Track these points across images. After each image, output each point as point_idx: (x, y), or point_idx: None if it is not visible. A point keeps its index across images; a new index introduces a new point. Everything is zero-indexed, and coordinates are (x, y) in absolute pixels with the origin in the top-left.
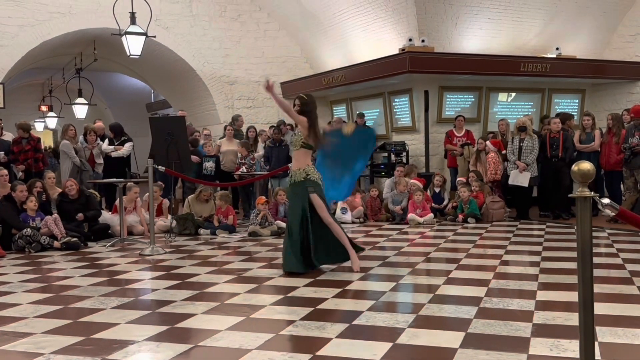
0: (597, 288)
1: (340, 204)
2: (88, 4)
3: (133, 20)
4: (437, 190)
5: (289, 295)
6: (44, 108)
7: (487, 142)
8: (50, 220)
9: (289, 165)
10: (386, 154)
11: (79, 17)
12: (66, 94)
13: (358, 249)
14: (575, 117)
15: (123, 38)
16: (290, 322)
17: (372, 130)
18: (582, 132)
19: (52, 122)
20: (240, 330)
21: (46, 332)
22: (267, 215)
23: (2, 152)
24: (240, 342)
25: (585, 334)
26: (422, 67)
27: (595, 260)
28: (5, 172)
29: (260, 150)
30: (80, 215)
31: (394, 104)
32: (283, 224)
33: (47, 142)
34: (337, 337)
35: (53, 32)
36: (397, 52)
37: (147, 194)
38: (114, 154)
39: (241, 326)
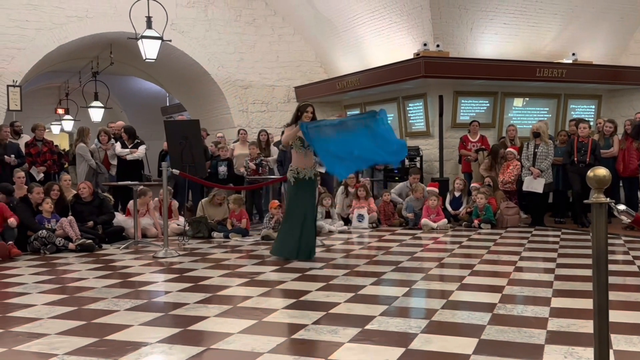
0: (612, 295)
1: (356, 211)
2: (105, 8)
3: (149, 25)
4: (457, 194)
5: (301, 299)
6: (60, 111)
7: (514, 150)
8: (65, 222)
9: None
10: None
11: (96, 20)
12: (82, 97)
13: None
14: (592, 123)
15: (139, 42)
16: (302, 326)
17: (403, 144)
18: (601, 137)
19: (68, 125)
20: (252, 333)
21: (60, 333)
22: (280, 219)
23: (13, 155)
24: (252, 345)
25: (600, 342)
26: (436, 72)
27: (611, 267)
28: (22, 174)
29: (274, 154)
30: (90, 223)
31: (408, 108)
32: None
33: (63, 145)
34: (349, 341)
35: (70, 36)
36: (411, 56)
37: (157, 197)
38: (129, 157)
39: (253, 329)
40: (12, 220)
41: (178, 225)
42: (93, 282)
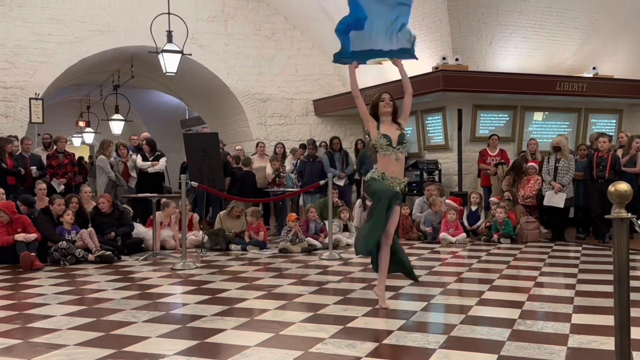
0: (634, 312)
1: None
2: (126, 22)
3: (170, 39)
4: (473, 208)
5: (319, 312)
6: (81, 124)
7: (535, 164)
8: (85, 233)
9: (321, 182)
10: (418, 172)
11: (117, 35)
12: (103, 110)
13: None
14: (613, 138)
15: (160, 56)
16: (319, 340)
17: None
18: (625, 152)
19: (89, 137)
20: (269, 346)
21: (79, 344)
22: (298, 232)
23: (35, 167)
24: (269, 358)
25: (622, 359)
26: (455, 86)
27: (633, 283)
28: (44, 185)
29: (288, 166)
30: (111, 234)
31: (426, 122)
32: (313, 241)
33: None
34: (366, 356)
35: (92, 50)
36: (430, 70)
37: (178, 209)
38: (150, 170)
39: (270, 342)
40: (27, 236)
41: (196, 237)
42: (112, 293)
